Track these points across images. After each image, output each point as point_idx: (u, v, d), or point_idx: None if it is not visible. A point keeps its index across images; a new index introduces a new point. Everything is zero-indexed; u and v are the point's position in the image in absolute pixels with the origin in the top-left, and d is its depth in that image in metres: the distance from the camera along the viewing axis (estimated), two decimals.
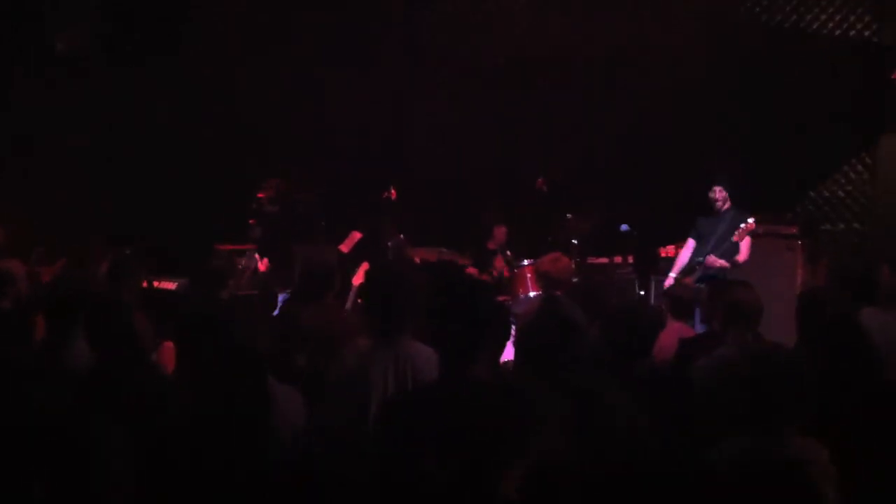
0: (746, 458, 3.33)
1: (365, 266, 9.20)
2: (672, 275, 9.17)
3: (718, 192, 8.97)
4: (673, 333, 6.14)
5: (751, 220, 8.60)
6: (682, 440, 3.37)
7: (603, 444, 2.05)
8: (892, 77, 10.52)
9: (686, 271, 9.05)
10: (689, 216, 9.35)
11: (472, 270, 10.45)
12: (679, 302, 6.88)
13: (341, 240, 9.73)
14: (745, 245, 8.77)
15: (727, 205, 8.97)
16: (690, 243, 9.22)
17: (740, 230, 8.61)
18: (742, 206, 8.98)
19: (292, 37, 11.23)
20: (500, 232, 10.95)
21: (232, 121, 11.14)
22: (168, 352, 5.35)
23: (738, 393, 3.51)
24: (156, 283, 8.66)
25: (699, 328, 7.40)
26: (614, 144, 11.21)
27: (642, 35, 10.81)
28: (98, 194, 10.62)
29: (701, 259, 8.92)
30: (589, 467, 2.06)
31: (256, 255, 9.43)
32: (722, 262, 8.71)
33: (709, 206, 9.06)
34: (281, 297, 8.37)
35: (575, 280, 9.33)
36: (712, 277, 8.64)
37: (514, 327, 6.29)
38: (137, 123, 10.87)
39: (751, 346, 4.18)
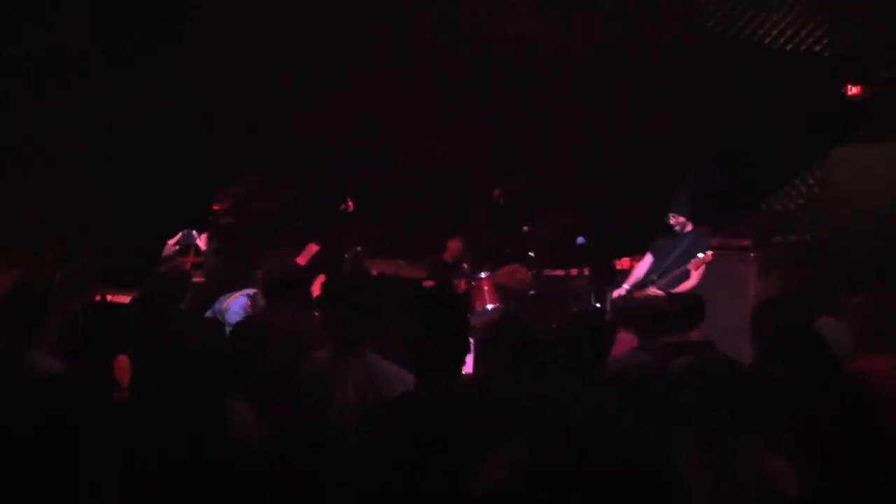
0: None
1: (322, 279, 9.18)
2: (625, 286, 9.28)
3: (673, 219, 9.12)
4: (622, 343, 6.18)
5: (709, 252, 8.75)
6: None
7: (571, 449, 2.05)
8: (843, 90, 10.67)
9: (639, 285, 9.18)
10: (646, 229, 9.46)
11: (428, 284, 10.38)
12: (626, 312, 6.95)
13: (298, 252, 9.68)
14: (696, 274, 8.90)
15: (688, 227, 9.12)
16: (648, 258, 9.35)
17: (697, 260, 8.73)
18: (703, 228, 9.12)
19: (266, 50, 11.20)
20: (454, 245, 10.81)
21: (195, 132, 11.04)
22: (122, 365, 5.29)
23: (679, 400, 3.56)
24: (109, 297, 8.57)
25: None
26: (571, 157, 11.26)
27: (599, 50, 10.89)
28: (51, 203, 10.47)
29: (654, 278, 9.05)
30: (558, 473, 2.07)
31: (195, 232, 9.29)
32: (658, 293, 8.85)
33: (669, 229, 9.19)
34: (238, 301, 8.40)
35: (532, 292, 9.38)
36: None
37: (471, 340, 6.35)
38: (89, 130, 10.72)
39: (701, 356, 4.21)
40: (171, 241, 9.36)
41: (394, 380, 4.17)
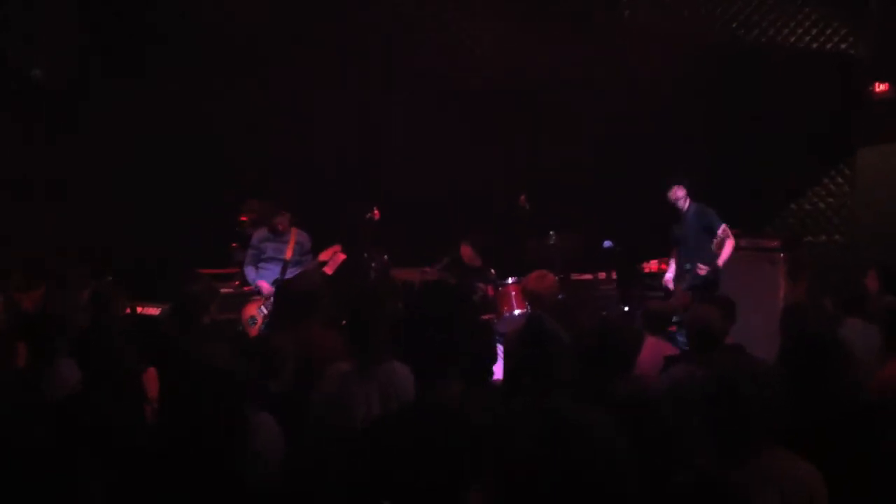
0: (709, 478, 3.33)
1: (336, 249, 9.23)
2: (669, 277, 9.30)
3: (678, 191, 9.12)
4: (649, 349, 6.14)
5: (721, 227, 8.70)
6: (656, 460, 3.36)
7: (575, 465, 2.02)
8: (870, 89, 10.59)
9: (678, 278, 9.17)
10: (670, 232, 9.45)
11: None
12: (653, 317, 6.88)
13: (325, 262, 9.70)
14: (729, 242, 8.85)
15: (687, 202, 9.11)
16: (675, 252, 9.38)
17: (716, 241, 8.68)
18: (699, 200, 9.09)
19: (270, 62, 11.25)
20: (465, 250, 10.69)
21: (211, 145, 11.12)
22: (151, 377, 5.33)
23: (697, 413, 3.52)
24: (139, 309, 8.63)
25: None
26: (595, 160, 11.26)
27: (619, 51, 10.89)
28: (78, 219, 10.54)
29: (689, 266, 9.01)
30: (559, 489, 2.04)
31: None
32: (705, 268, 8.79)
33: (675, 210, 9.18)
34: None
35: (560, 297, 9.34)
36: (700, 285, 8.74)
37: (499, 346, 6.34)
38: (115, 149, 10.80)
39: (713, 366, 4.16)
40: None
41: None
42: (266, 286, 9.34)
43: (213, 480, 3.35)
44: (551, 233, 10.42)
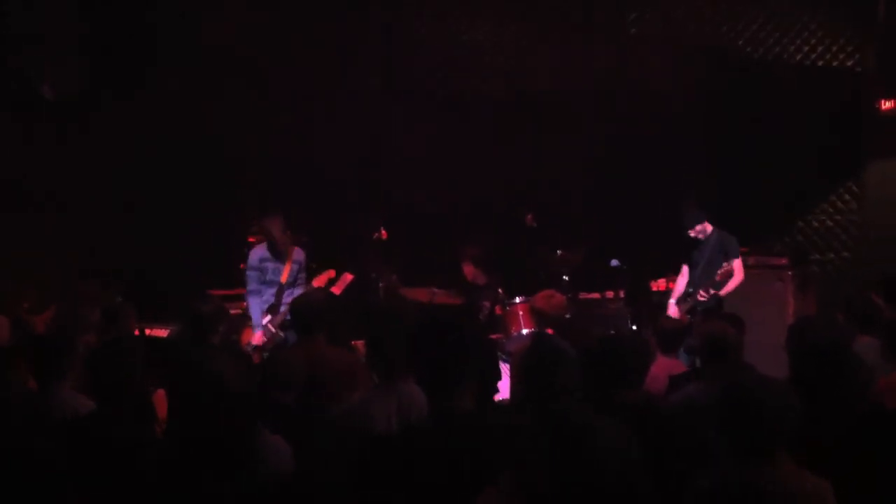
0: (726, 489, 3.34)
1: (330, 274, 9.17)
2: (672, 301, 9.26)
3: (692, 232, 9.10)
4: (661, 368, 6.13)
5: (735, 260, 8.73)
6: (665, 473, 3.37)
7: (587, 477, 2.03)
8: (877, 106, 10.60)
9: (682, 299, 9.16)
10: (679, 250, 9.43)
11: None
12: (666, 336, 6.87)
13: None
14: (738, 268, 8.86)
15: (708, 229, 9.10)
16: (685, 270, 9.33)
17: (722, 272, 8.67)
18: (725, 228, 9.09)
19: (272, 79, 11.28)
20: (467, 270, 10.64)
21: (211, 146, 11.11)
22: (161, 399, 5.35)
23: (711, 427, 3.53)
24: (147, 331, 8.64)
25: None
26: (602, 179, 11.27)
27: (626, 69, 10.92)
28: (87, 240, 10.53)
29: (692, 289, 9.02)
30: (567, 488, 2.05)
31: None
32: (706, 293, 8.81)
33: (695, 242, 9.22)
34: None
35: (568, 316, 9.34)
36: (700, 310, 8.75)
37: (506, 365, 6.35)
38: (122, 168, 10.81)
39: (727, 380, 4.17)
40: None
41: None
42: (259, 338, 8.84)
43: (219, 495, 3.36)
44: (559, 252, 10.42)
